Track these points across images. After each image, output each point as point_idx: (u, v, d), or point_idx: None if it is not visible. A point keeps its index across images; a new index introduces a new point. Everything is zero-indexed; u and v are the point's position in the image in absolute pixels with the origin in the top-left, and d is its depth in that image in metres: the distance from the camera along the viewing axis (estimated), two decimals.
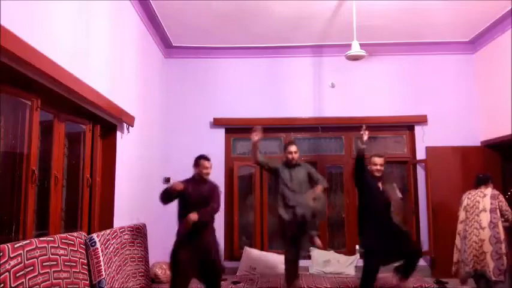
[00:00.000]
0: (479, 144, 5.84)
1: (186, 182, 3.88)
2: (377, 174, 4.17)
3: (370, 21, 5.10)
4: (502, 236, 4.20)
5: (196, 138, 5.92)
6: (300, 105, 6.00)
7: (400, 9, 4.92)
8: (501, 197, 4.37)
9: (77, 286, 2.82)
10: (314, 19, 5.18)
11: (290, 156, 4.39)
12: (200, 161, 3.95)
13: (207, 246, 3.81)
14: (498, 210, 4.29)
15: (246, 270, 5.36)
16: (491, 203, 4.32)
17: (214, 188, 4.01)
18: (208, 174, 3.96)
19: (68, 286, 2.70)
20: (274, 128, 6.07)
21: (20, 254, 2.28)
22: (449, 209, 5.48)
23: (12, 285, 2.18)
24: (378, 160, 4.18)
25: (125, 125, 4.30)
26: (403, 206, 6.01)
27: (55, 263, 2.61)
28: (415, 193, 5.92)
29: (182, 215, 3.78)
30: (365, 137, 4.15)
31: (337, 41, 5.69)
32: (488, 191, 4.43)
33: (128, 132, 4.38)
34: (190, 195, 3.80)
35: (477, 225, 4.33)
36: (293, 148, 4.42)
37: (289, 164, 4.41)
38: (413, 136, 6.02)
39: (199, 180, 3.94)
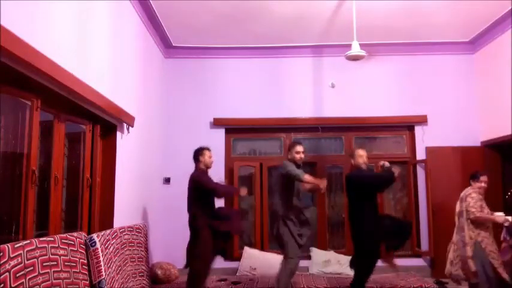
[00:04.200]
0: (479, 144, 5.84)
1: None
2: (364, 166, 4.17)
3: (370, 21, 5.10)
4: (467, 239, 4.21)
5: (196, 138, 5.87)
6: (300, 105, 6.00)
7: (400, 9, 4.92)
8: (469, 198, 4.27)
9: (77, 286, 2.82)
10: (314, 19, 5.18)
11: (298, 156, 4.17)
12: (205, 151, 4.31)
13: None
14: (465, 212, 4.29)
15: (246, 270, 5.36)
16: (460, 206, 4.37)
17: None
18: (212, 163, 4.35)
19: (68, 286, 2.70)
20: (274, 128, 6.08)
21: (20, 254, 2.28)
22: (449, 209, 5.46)
23: (12, 286, 2.17)
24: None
25: (125, 125, 4.30)
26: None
27: (55, 263, 2.61)
28: (415, 193, 5.93)
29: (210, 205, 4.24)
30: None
31: (337, 41, 5.70)
32: (464, 192, 4.41)
33: (128, 132, 4.38)
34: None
35: (455, 229, 4.43)
36: (301, 148, 4.22)
37: (297, 166, 4.17)
38: (413, 136, 6.02)
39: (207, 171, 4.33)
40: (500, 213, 4.29)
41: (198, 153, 4.30)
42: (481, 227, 4.21)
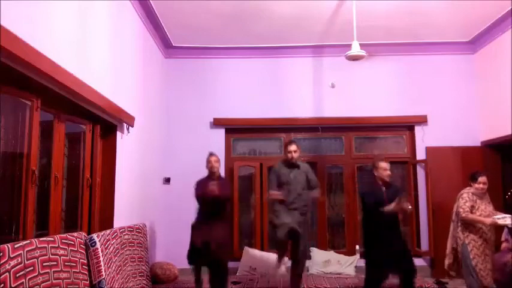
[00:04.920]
0: (479, 144, 5.84)
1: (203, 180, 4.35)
2: (387, 179, 4.05)
3: (370, 21, 5.10)
4: (450, 235, 4.36)
5: (196, 138, 5.92)
6: (300, 105, 6.00)
7: (400, 10, 4.92)
8: (460, 198, 4.27)
9: (77, 286, 2.82)
10: (314, 19, 5.18)
11: (290, 155, 4.32)
12: (208, 158, 4.38)
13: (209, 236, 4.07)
14: (454, 213, 4.34)
15: (246, 270, 5.36)
16: (454, 206, 4.38)
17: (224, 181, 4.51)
18: (213, 168, 4.34)
19: (68, 286, 2.70)
20: (274, 128, 6.08)
21: (20, 254, 2.28)
22: (449, 209, 5.45)
23: (12, 286, 2.17)
24: (386, 165, 4.07)
25: (125, 125, 4.30)
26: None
27: (55, 263, 2.61)
28: (415, 193, 5.93)
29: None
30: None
31: (337, 41, 5.69)
32: (460, 192, 4.38)
33: (128, 132, 4.38)
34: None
35: None
36: (293, 147, 4.34)
37: (289, 164, 4.35)
38: (413, 136, 6.02)
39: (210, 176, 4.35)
40: (503, 215, 4.12)
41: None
42: (470, 229, 4.16)
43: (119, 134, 4.16)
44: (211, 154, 4.42)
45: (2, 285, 2.10)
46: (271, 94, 6.03)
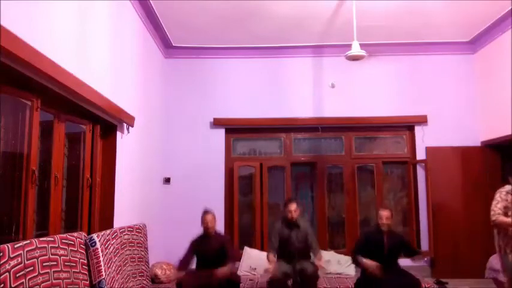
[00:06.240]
0: (479, 144, 5.84)
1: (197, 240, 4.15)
2: (383, 228, 4.04)
3: (370, 21, 5.10)
4: (496, 248, 3.78)
5: (196, 138, 5.93)
6: (300, 105, 6.00)
7: (400, 10, 4.92)
8: (494, 200, 3.70)
9: (77, 286, 2.82)
10: (314, 19, 5.18)
11: (290, 215, 4.29)
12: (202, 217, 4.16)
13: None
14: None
15: (246, 270, 5.36)
16: None
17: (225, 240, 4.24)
18: (208, 228, 4.14)
19: (68, 286, 2.70)
20: (274, 128, 6.08)
21: (20, 254, 2.28)
22: (449, 209, 5.49)
23: (12, 286, 2.17)
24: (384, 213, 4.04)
25: (125, 125, 4.30)
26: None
27: (55, 263, 2.61)
28: (415, 193, 5.93)
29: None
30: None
31: (337, 41, 5.69)
32: None
33: (128, 132, 4.38)
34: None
35: None
36: (293, 206, 4.30)
37: (289, 224, 4.32)
38: (413, 136, 6.02)
39: (206, 235, 4.14)
40: None
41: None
42: (506, 234, 3.53)
43: (119, 134, 4.16)
44: (206, 212, 4.18)
45: (2, 285, 2.10)
46: (271, 94, 6.03)
